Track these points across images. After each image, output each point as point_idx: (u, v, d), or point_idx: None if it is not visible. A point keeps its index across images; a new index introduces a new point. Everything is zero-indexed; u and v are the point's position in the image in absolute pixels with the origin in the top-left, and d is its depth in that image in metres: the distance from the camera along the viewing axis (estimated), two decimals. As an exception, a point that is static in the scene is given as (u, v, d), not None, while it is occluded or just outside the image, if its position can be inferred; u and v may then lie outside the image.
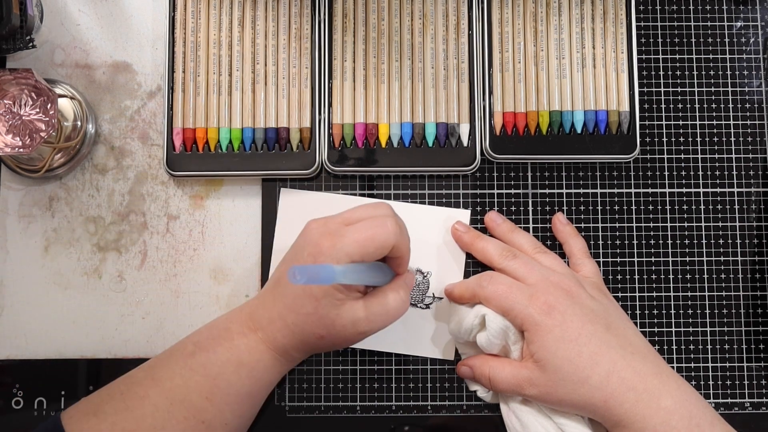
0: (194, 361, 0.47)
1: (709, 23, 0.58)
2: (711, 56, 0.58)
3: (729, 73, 0.58)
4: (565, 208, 0.57)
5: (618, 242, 0.56)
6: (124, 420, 0.45)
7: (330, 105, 0.56)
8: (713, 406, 0.51)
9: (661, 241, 0.56)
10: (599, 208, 0.57)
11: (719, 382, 0.55)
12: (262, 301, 0.49)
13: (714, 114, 0.57)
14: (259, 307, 0.49)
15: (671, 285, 0.56)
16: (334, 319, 0.46)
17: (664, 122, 0.57)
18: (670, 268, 0.56)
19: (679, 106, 0.58)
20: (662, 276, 0.56)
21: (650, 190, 0.57)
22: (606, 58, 0.57)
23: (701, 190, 0.57)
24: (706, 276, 0.56)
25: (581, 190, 0.57)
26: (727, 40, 0.58)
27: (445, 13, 0.57)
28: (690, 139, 0.57)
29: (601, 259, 0.56)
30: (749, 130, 0.57)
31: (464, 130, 0.56)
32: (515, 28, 0.57)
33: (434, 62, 0.57)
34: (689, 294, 0.56)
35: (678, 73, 0.58)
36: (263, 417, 0.55)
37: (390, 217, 0.47)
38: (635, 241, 0.56)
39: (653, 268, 0.56)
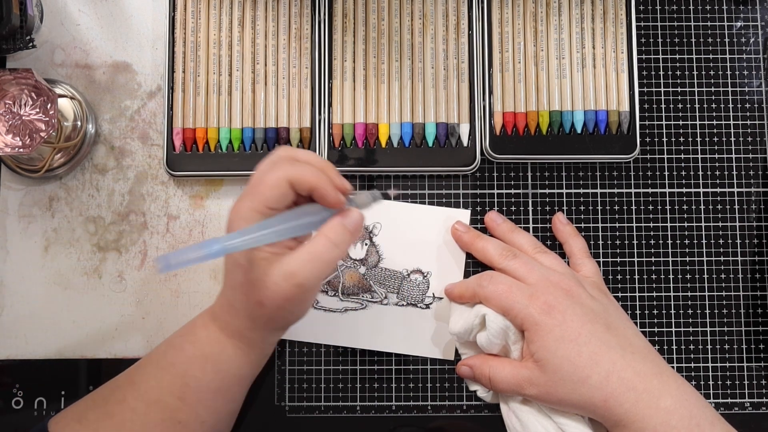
0: (165, 360, 0.47)
1: (709, 23, 0.58)
2: (711, 56, 0.58)
3: (729, 73, 0.58)
4: (565, 208, 0.57)
5: (618, 242, 0.56)
6: (106, 427, 0.45)
7: (330, 105, 0.56)
8: (713, 406, 0.51)
9: (661, 241, 0.56)
10: (599, 208, 0.57)
11: (719, 382, 0.55)
12: (221, 290, 0.48)
13: (714, 114, 0.57)
14: (218, 296, 0.48)
15: (671, 285, 0.56)
16: (264, 279, 0.43)
17: (664, 122, 0.57)
18: (670, 268, 0.56)
19: (679, 106, 0.58)
20: (662, 276, 0.56)
21: (650, 190, 0.57)
22: (606, 58, 0.57)
23: (701, 190, 0.57)
24: (706, 276, 0.56)
25: (581, 190, 0.57)
26: (727, 40, 0.58)
27: (445, 13, 0.57)
28: (690, 139, 0.57)
29: (601, 259, 0.56)
30: (749, 130, 0.57)
31: (464, 130, 0.56)
32: (515, 28, 0.57)
33: (434, 62, 0.57)
34: (689, 294, 0.56)
35: (678, 73, 0.58)
36: (263, 417, 0.55)
37: (267, 161, 0.45)
38: (635, 241, 0.56)
39: (653, 268, 0.56)
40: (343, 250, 0.44)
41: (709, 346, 0.56)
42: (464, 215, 0.56)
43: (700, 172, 0.57)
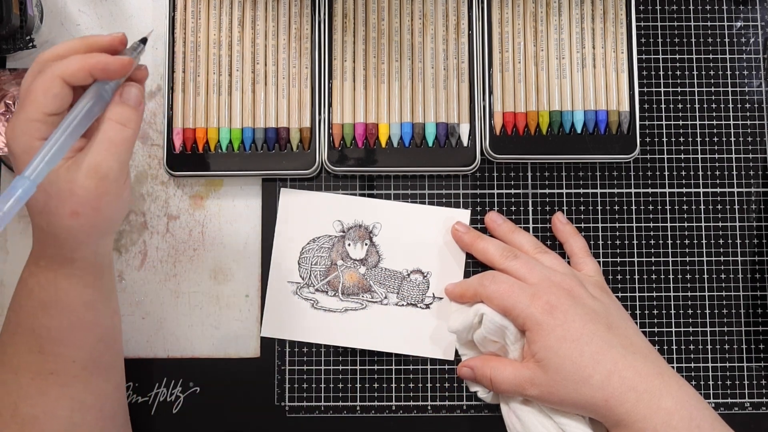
0: (10, 325, 0.47)
1: (709, 23, 0.58)
2: (711, 56, 0.58)
3: (729, 73, 0.58)
4: (565, 208, 0.57)
5: (618, 242, 0.56)
6: None
7: (330, 105, 0.56)
8: (713, 406, 0.51)
9: (661, 241, 0.56)
10: (599, 208, 0.57)
11: (719, 382, 0.55)
12: (33, 231, 0.46)
13: (714, 114, 0.58)
14: (33, 239, 0.46)
15: (671, 285, 0.56)
16: (69, 188, 0.41)
17: (664, 122, 0.57)
18: (670, 268, 0.56)
19: (679, 106, 0.58)
20: (662, 276, 0.56)
21: (650, 190, 0.57)
22: (606, 58, 0.57)
23: (701, 190, 0.57)
24: (706, 276, 0.56)
25: (581, 190, 0.57)
26: (727, 40, 0.58)
27: (445, 13, 0.57)
28: (690, 139, 0.57)
29: (601, 259, 0.56)
30: (749, 130, 0.57)
31: (464, 130, 0.56)
32: (515, 28, 0.57)
33: (434, 62, 0.57)
34: (689, 294, 0.56)
35: (678, 73, 0.58)
36: (263, 417, 0.55)
37: (30, 70, 0.42)
38: (635, 241, 0.56)
39: (653, 268, 0.56)
40: (133, 127, 0.43)
41: (709, 346, 0.56)
42: (464, 215, 0.56)
43: (700, 172, 0.57)
